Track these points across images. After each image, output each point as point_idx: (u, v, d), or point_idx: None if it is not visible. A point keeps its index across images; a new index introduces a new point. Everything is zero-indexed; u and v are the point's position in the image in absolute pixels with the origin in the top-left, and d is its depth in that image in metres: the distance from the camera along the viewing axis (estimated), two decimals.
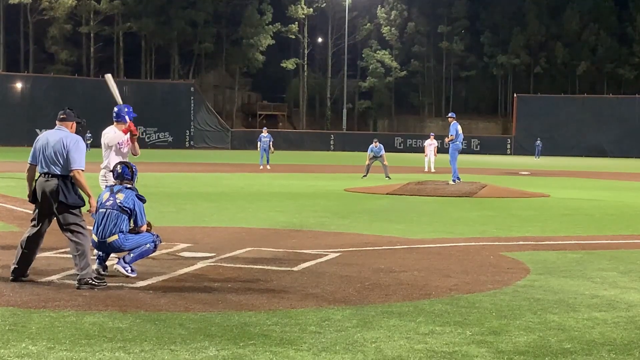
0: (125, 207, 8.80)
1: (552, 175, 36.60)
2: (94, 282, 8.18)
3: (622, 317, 7.29)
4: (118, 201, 8.78)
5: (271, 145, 37.45)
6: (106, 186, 9.45)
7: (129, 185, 9.02)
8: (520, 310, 7.48)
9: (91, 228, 8.89)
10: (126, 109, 10.70)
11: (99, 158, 11.32)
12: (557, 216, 17.21)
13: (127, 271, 8.76)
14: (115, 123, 10.74)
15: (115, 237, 8.72)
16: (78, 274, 8.20)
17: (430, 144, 37.96)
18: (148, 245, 8.92)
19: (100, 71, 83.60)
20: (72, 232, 8.31)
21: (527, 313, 7.38)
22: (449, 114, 25.83)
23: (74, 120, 8.68)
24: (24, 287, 8.13)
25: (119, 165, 9.24)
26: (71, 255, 8.40)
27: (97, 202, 8.82)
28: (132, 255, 8.84)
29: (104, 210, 8.82)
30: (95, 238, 8.81)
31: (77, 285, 8.16)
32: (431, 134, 41.84)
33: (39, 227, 8.49)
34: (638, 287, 8.79)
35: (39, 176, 8.43)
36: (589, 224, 15.82)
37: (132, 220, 8.97)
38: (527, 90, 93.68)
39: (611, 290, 8.55)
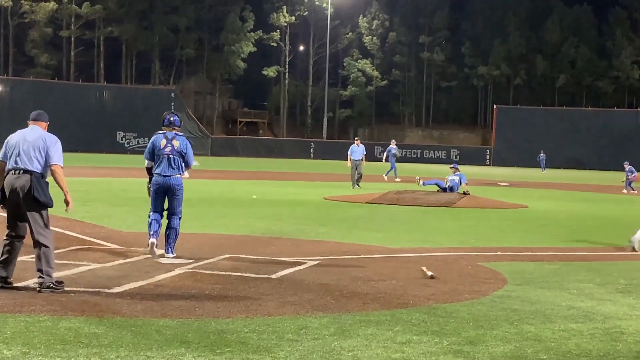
0: (182, 151, 10.33)
1: (530, 187, 36.78)
2: (54, 286, 8.11)
3: (598, 329, 7.33)
4: (176, 147, 10.19)
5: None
6: (158, 133, 10.78)
7: (180, 133, 10.35)
8: (497, 321, 7.50)
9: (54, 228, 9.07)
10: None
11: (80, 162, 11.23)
12: (535, 227, 17.29)
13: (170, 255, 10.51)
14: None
15: (178, 174, 10.39)
16: (41, 278, 8.12)
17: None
18: (178, 229, 10.84)
19: (80, 75, 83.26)
20: (39, 233, 8.24)
21: (504, 323, 7.40)
22: (452, 165, 26.71)
23: (47, 121, 8.76)
24: None
25: (168, 114, 10.50)
26: (35, 259, 8.32)
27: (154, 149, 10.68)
28: (172, 244, 10.58)
29: (166, 155, 10.37)
30: (159, 175, 10.46)
31: (38, 288, 8.08)
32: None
33: (14, 232, 8.41)
34: (614, 299, 8.84)
35: (8, 173, 8.33)
36: (566, 236, 15.90)
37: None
38: (507, 102, 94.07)
39: (588, 302, 8.60)
